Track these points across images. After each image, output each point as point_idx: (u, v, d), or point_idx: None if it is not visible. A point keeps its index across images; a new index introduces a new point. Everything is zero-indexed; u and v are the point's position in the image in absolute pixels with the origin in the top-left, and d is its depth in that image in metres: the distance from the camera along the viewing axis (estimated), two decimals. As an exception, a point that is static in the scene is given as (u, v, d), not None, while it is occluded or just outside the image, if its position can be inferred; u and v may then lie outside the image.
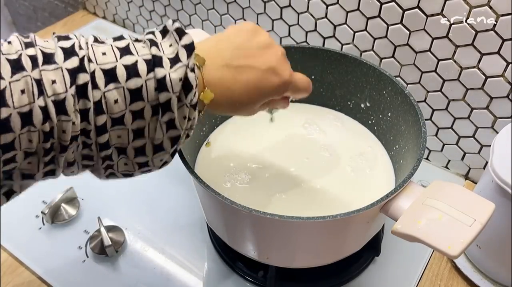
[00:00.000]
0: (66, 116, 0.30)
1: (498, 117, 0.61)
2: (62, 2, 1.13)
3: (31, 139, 0.29)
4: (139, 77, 0.31)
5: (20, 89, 0.28)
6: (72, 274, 0.59)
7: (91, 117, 0.31)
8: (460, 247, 0.38)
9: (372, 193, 0.54)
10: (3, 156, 0.29)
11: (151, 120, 0.33)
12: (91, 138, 0.32)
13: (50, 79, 0.29)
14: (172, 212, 0.67)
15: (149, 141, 0.34)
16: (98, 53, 0.32)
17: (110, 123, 0.32)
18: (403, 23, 0.61)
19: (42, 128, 0.29)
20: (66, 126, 0.30)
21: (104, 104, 0.31)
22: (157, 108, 0.32)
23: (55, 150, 0.31)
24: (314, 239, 0.48)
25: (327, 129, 0.64)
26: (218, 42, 0.38)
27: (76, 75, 0.30)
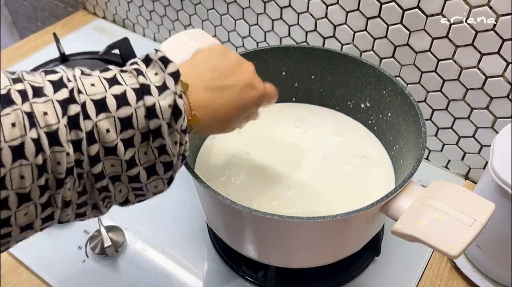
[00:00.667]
0: (60, 147, 0.30)
1: (498, 117, 0.61)
2: (62, 2, 1.13)
3: (23, 175, 0.29)
4: (129, 105, 0.32)
5: (10, 122, 0.28)
6: (72, 274, 0.59)
7: (84, 147, 0.31)
8: (460, 247, 0.38)
9: (372, 193, 0.55)
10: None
11: (141, 145, 0.33)
12: (84, 169, 0.32)
13: (41, 111, 0.29)
14: (172, 212, 0.67)
15: (142, 168, 0.34)
16: (87, 85, 0.32)
17: (103, 153, 0.32)
18: (403, 23, 0.61)
19: (35, 161, 0.29)
20: (60, 157, 0.30)
21: (96, 134, 0.31)
22: (147, 135, 0.33)
23: (51, 188, 0.31)
24: (314, 239, 0.48)
25: (327, 129, 0.64)
26: (194, 66, 0.40)
27: (67, 106, 0.30)
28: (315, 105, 0.67)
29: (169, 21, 0.92)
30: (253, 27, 0.79)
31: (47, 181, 0.30)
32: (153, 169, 0.35)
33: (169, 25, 0.93)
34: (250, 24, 0.79)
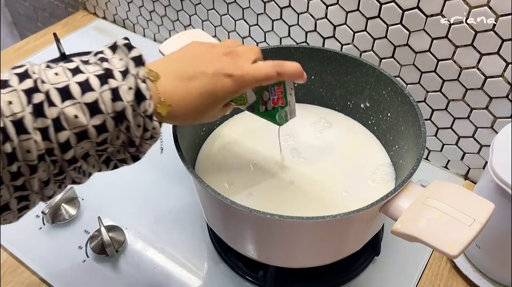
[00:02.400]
0: (27, 134, 0.30)
1: (497, 117, 0.61)
2: (62, 2, 1.13)
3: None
4: (94, 91, 0.33)
5: None
6: (72, 274, 0.59)
7: (52, 134, 0.32)
8: (460, 247, 0.38)
9: (372, 193, 0.55)
10: None
11: (114, 130, 0.34)
12: (57, 155, 0.33)
13: (6, 100, 0.30)
14: (172, 212, 0.67)
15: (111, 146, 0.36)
16: (50, 75, 0.33)
17: (75, 139, 0.33)
18: (403, 23, 0.61)
19: (3, 149, 0.30)
20: (29, 145, 0.31)
21: (64, 121, 0.32)
22: (117, 119, 0.34)
23: (25, 175, 0.32)
24: (314, 239, 0.48)
25: (327, 129, 0.64)
26: (167, 59, 0.41)
27: (32, 95, 0.31)
28: (315, 105, 0.67)
29: (169, 21, 0.92)
30: (253, 27, 0.79)
31: (19, 168, 0.31)
32: (121, 147, 0.37)
33: (169, 25, 0.93)
34: (250, 24, 0.79)
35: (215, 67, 0.40)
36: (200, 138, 0.61)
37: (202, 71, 0.39)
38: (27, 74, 0.32)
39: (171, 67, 0.39)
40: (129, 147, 0.37)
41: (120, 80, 0.34)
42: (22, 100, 0.31)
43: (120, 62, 0.35)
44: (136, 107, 0.34)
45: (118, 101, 0.33)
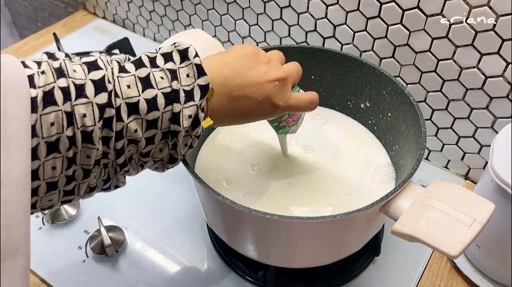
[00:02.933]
0: (92, 144, 0.32)
1: (498, 117, 0.61)
2: (62, 2, 1.13)
3: (55, 166, 0.31)
4: (158, 110, 0.35)
5: (50, 121, 0.30)
6: (72, 274, 0.59)
7: (112, 143, 0.34)
8: (460, 247, 0.38)
9: (372, 193, 0.55)
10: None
11: (159, 143, 0.37)
12: (110, 159, 0.35)
13: (81, 113, 0.31)
14: (172, 212, 0.67)
15: (151, 159, 0.38)
16: (123, 87, 0.34)
17: (127, 144, 0.35)
18: (403, 23, 0.61)
19: (66, 154, 0.31)
20: (91, 152, 0.33)
21: (125, 133, 0.34)
22: (167, 134, 0.36)
23: (77, 179, 0.34)
24: (314, 239, 0.48)
25: (327, 129, 0.64)
26: (221, 67, 0.39)
27: (104, 110, 0.32)
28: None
29: (169, 21, 0.92)
30: (253, 27, 0.79)
31: (74, 172, 0.33)
32: (161, 161, 0.39)
33: (169, 25, 0.93)
34: (250, 24, 0.79)
35: (265, 95, 0.40)
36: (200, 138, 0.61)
37: (253, 93, 0.40)
38: (104, 85, 0.33)
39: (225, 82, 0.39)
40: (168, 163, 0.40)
41: (182, 103, 0.35)
42: (95, 115, 0.32)
43: (187, 79, 0.36)
44: (190, 131, 0.37)
45: (175, 124, 0.35)
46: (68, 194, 0.35)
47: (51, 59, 0.32)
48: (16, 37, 1.39)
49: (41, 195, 0.32)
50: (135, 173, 0.40)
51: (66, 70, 0.32)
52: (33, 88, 0.30)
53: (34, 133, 0.29)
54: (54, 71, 0.31)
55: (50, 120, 0.30)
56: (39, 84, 0.30)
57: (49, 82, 0.31)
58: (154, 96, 0.34)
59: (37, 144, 0.30)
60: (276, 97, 0.41)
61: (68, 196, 0.35)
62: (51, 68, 0.32)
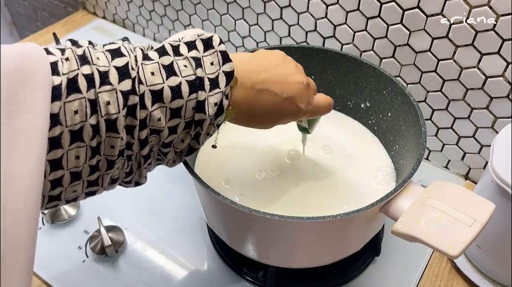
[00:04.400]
0: (116, 133, 0.32)
1: (498, 117, 0.61)
2: (62, 2, 1.13)
3: (78, 155, 0.31)
4: (182, 98, 0.34)
5: (74, 109, 0.29)
6: (72, 274, 0.59)
7: (136, 133, 0.33)
8: (460, 247, 0.38)
9: (372, 193, 0.55)
10: (51, 174, 0.30)
11: (181, 133, 0.36)
12: (134, 151, 0.34)
13: (105, 100, 0.31)
14: (172, 212, 0.67)
15: (172, 149, 0.37)
16: (147, 74, 0.33)
17: (149, 134, 0.34)
18: (403, 23, 0.61)
19: (90, 143, 0.31)
20: (115, 142, 0.32)
21: (148, 121, 0.33)
22: (190, 123, 0.36)
23: (101, 169, 0.33)
24: (314, 239, 0.48)
25: (327, 129, 0.64)
26: (248, 60, 0.40)
27: (128, 97, 0.32)
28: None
29: (169, 21, 0.92)
30: (253, 27, 0.79)
31: (98, 163, 0.33)
32: (181, 152, 0.39)
33: (169, 25, 0.93)
34: (250, 24, 0.79)
35: (291, 94, 0.40)
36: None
37: (278, 91, 0.40)
38: (128, 72, 0.32)
39: (250, 75, 0.39)
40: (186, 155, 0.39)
41: (207, 91, 0.35)
42: (119, 102, 0.31)
43: (211, 67, 0.35)
44: (213, 120, 0.36)
45: (200, 112, 0.35)
46: (92, 185, 0.34)
47: (74, 46, 0.32)
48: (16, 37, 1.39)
49: (66, 186, 0.32)
50: (152, 168, 0.39)
51: (90, 57, 0.31)
52: (57, 75, 0.29)
53: (57, 121, 0.29)
54: (78, 58, 0.31)
55: (74, 108, 0.29)
56: (63, 71, 0.29)
57: (73, 69, 0.30)
58: (178, 83, 0.34)
59: (60, 133, 0.29)
60: (300, 99, 0.41)
61: (91, 187, 0.34)
62: (75, 55, 0.31)
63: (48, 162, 0.30)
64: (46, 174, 0.30)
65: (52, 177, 0.31)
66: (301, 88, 0.41)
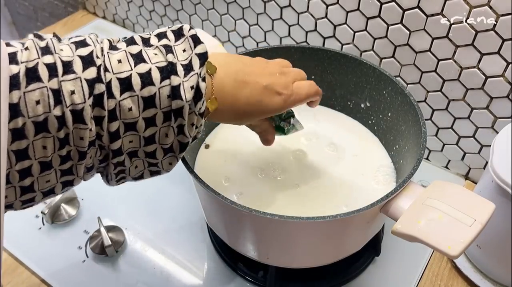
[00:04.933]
0: (84, 124, 0.30)
1: (498, 117, 0.61)
2: (62, 2, 1.13)
3: (45, 145, 0.30)
4: (153, 85, 0.32)
5: (35, 100, 0.28)
6: (72, 274, 0.59)
7: (105, 124, 0.32)
8: (460, 247, 0.38)
9: (372, 193, 0.55)
10: (17, 164, 0.29)
11: (163, 125, 0.34)
12: (104, 143, 0.33)
13: (69, 89, 0.30)
14: (172, 212, 0.67)
15: (159, 146, 0.35)
16: (114, 62, 0.32)
17: (123, 129, 0.33)
18: (403, 23, 0.61)
19: (57, 135, 0.30)
20: (84, 133, 0.31)
21: (118, 112, 0.32)
22: (169, 114, 0.33)
23: (73, 159, 0.32)
24: (314, 239, 0.48)
25: (327, 129, 0.64)
26: (229, 57, 0.41)
27: (94, 86, 0.30)
28: (315, 105, 0.67)
29: (169, 21, 0.92)
30: (253, 27, 0.79)
31: (69, 153, 0.31)
32: (170, 148, 0.36)
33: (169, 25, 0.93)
34: (250, 24, 0.79)
35: (268, 82, 0.41)
36: (200, 138, 0.61)
37: (256, 80, 0.40)
38: (92, 60, 0.31)
39: (231, 66, 0.39)
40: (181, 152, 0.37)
41: (182, 77, 0.33)
42: (84, 91, 0.30)
43: (184, 54, 0.34)
44: (193, 106, 0.34)
45: (177, 99, 0.33)
46: (66, 174, 0.33)
47: (37, 39, 0.31)
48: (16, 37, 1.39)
49: (36, 175, 0.31)
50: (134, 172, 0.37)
51: (53, 48, 0.30)
52: (15, 64, 0.28)
53: (18, 112, 0.28)
54: (39, 49, 0.30)
55: (35, 98, 0.28)
56: (21, 59, 0.28)
57: (33, 58, 0.29)
58: (148, 70, 0.32)
59: (23, 124, 0.28)
60: (278, 85, 0.42)
61: (67, 176, 0.33)
62: (36, 45, 0.30)
63: (12, 153, 0.29)
64: (12, 164, 0.29)
65: (19, 167, 0.30)
66: (276, 76, 0.42)
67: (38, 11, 1.24)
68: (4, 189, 0.28)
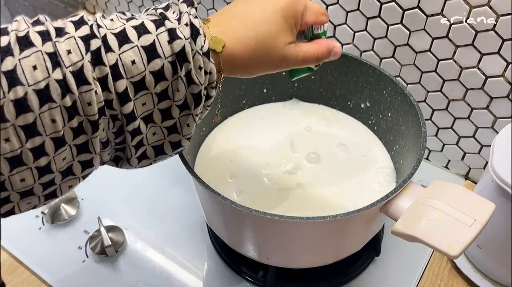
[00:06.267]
0: (87, 85, 0.29)
1: (498, 117, 0.61)
2: (62, 2, 1.13)
3: (54, 119, 0.28)
4: (150, 33, 0.32)
5: (31, 65, 0.27)
6: (72, 274, 0.59)
7: (111, 83, 0.30)
8: (460, 247, 0.38)
9: (372, 193, 0.55)
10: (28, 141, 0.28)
11: (173, 79, 0.33)
12: (116, 109, 0.31)
13: (65, 49, 0.29)
14: (172, 212, 0.67)
15: (173, 104, 0.34)
16: (106, 21, 0.32)
17: (133, 90, 0.32)
18: (403, 23, 0.61)
19: (63, 103, 0.28)
20: (90, 97, 0.29)
21: (122, 67, 0.31)
22: (175, 64, 0.32)
23: (87, 132, 0.31)
24: (314, 239, 0.48)
25: (327, 129, 0.64)
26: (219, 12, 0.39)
27: (89, 42, 0.30)
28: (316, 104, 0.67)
29: (169, 21, 0.92)
30: (253, 27, 0.79)
31: (80, 124, 0.30)
32: (184, 103, 0.34)
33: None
34: (250, 24, 0.79)
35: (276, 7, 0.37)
36: (200, 138, 0.61)
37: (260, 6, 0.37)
38: (83, 20, 0.31)
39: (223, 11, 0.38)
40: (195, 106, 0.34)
41: (176, 24, 0.33)
42: (80, 47, 0.29)
43: (174, 14, 0.34)
44: (193, 45, 0.33)
45: (176, 39, 0.32)
46: (83, 150, 0.31)
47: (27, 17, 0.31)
48: (16, 37, 1.39)
49: (51, 154, 0.29)
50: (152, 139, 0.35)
51: (44, 19, 0.30)
52: (6, 35, 0.27)
53: (16, 80, 0.27)
54: (30, 23, 0.30)
55: (31, 63, 0.27)
56: (11, 29, 0.28)
57: (23, 28, 0.28)
58: (141, 22, 0.32)
59: (25, 94, 0.27)
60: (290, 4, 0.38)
61: (85, 154, 0.32)
62: (26, 20, 0.30)
63: (20, 128, 0.27)
64: (22, 142, 0.28)
65: (31, 145, 0.28)
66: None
67: (38, 11, 1.24)
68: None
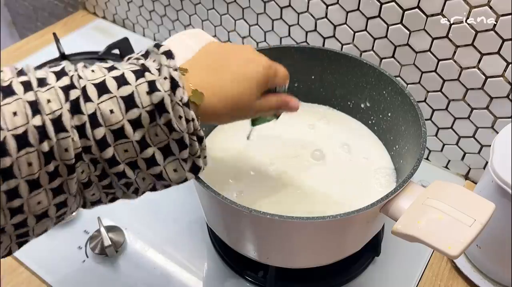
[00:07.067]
0: (65, 132, 0.30)
1: (498, 117, 0.61)
2: (62, 2, 1.13)
3: (30, 162, 0.29)
4: (129, 84, 0.33)
5: (12, 111, 0.29)
6: (72, 274, 0.59)
7: (89, 131, 0.31)
8: (460, 247, 0.38)
9: (372, 193, 0.55)
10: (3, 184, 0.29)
11: (150, 126, 0.34)
12: (95, 154, 0.32)
13: (45, 98, 0.30)
14: (172, 212, 0.67)
15: (155, 148, 0.35)
16: (86, 72, 0.33)
17: (112, 137, 0.32)
18: (403, 23, 0.61)
19: (40, 148, 0.30)
20: (67, 143, 0.30)
21: (100, 116, 0.32)
22: (153, 113, 0.33)
23: (62, 175, 0.31)
24: (314, 239, 0.48)
25: (327, 129, 0.64)
26: (194, 57, 0.41)
27: (69, 92, 0.31)
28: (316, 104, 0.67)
29: (169, 21, 0.92)
30: (253, 27, 0.79)
31: (56, 168, 0.31)
32: (167, 148, 0.35)
33: (169, 25, 0.93)
34: (250, 24, 0.79)
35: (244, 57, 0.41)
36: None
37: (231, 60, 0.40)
38: (64, 72, 0.32)
39: (200, 62, 0.40)
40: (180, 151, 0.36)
41: (156, 74, 0.34)
42: (60, 97, 0.31)
43: (154, 63, 0.35)
44: (173, 97, 0.33)
45: (155, 91, 0.33)
46: (58, 193, 0.32)
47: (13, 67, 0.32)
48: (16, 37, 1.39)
49: (25, 196, 0.30)
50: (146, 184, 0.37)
51: (28, 69, 0.32)
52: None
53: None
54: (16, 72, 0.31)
55: (12, 109, 0.29)
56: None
57: (7, 79, 0.30)
58: (122, 73, 0.33)
59: (4, 138, 0.28)
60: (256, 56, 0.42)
61: (59, 195, 0.32)
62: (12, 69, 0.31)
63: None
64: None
65: (6, 188, 0.29)
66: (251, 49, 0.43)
67: (38, 11, 1.24)
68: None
